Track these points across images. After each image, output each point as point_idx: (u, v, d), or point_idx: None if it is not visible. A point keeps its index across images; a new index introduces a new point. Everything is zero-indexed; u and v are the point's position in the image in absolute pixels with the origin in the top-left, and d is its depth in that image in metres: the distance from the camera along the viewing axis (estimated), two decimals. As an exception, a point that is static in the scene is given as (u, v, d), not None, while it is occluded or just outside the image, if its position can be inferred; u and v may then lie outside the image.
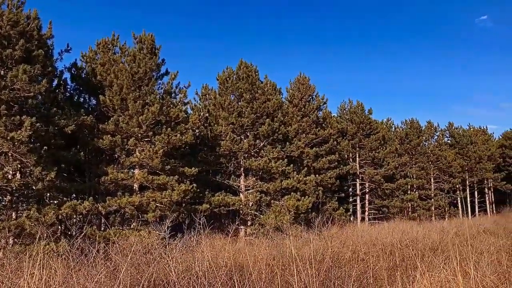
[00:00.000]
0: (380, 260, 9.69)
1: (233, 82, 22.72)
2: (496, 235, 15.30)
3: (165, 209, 16.52)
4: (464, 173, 43.91)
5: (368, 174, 32.46)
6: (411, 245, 11.92)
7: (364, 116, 33.90)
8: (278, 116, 23.21)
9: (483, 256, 8.67)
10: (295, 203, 21.25)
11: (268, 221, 19.90)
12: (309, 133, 27.28)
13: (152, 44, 18.51)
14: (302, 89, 29.86)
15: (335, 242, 11.80)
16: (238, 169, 22.63)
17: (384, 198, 34.95)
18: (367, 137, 33.41)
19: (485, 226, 19.42)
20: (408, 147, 39.79)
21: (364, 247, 11.03)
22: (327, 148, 28.07)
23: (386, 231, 17.46)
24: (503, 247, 10.23)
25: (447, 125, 48.47)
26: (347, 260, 8.58)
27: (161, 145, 16.66)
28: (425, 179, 39.75)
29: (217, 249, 10.96)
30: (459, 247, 8.88)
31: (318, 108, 30.46)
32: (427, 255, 9.58)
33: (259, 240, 15.67)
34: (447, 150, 42.73)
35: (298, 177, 22.74)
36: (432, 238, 13.78)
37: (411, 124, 42.56)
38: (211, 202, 19.85)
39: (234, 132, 21.69)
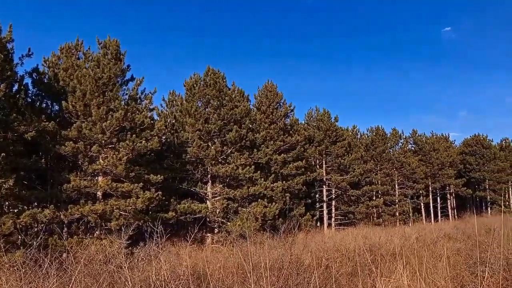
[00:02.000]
0: (342, 266, 9.83)
1: (201, 89, 22.64)
2: (455, 239, 15.77)
3: (129, 217, 16.22)
4: (427, 179, 45.16)
5: (335, 180, 32.91)
6: (374, 250, 12.15)
7: (331, 123, 34.43)
8: (246, 123, 23.28)
9: (440, 260, 8.93)
10: (262, 210, 21.31)
11: (235, 228, 19.84)
12: (276, 140, 27.45)
13: (117, 50, 18.25)
14: (270, 96, 30.06)
15: (298, 248, 11.89)
16: (205, 176, 22.50)
17: (350, 204, 35.54)
18: (334, 144, 33.90)
19: (446, 231, 19.98)
20: (374, 154, 40.59)
21: (327, 253, 11.16)
22: (294, 154, 28.32)
23: (350, 236, 17.71)
24: (459, 251, 10.57)
25: (411, 132, 49.79)
26: (307, 266, 8.66)
27: (126, 151, 16.39)
28: (390, 185, 40.60)
29: (182, 258, 10.85)
30: (419, 252, 9.11)
31: (285, 115, 30.75)
32: (388, 260, 9.78)
33: (225, 247, 15.62)
34: (411, 157, 43.84)
35: (265, 184, 22.81)
36: (394, 243, 14.06)
37: (377, 132, 43.46)
38: (177, 209, 19.66)
39: (201, 138, 21.59)
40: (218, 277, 6.93)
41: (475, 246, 11.27)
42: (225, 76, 23.71)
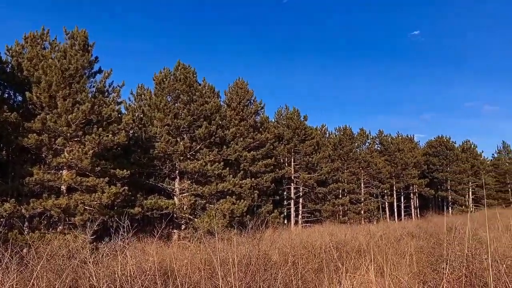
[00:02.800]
0: (309, 262, 9.93)
1: (170, 83, 22.37)
2: (418, 237, 16.19)
3: (94, 212, 15.89)
4: (392, 179, 46.22)
5: (302, 178, 33.21)
6: (340, 247, 12.33)
7: (300, 122, 34.71)
8: (215, 119, 23.16)
9: (404, 257, 9.14)
10: (231, 207, 21.28)
11: (202, 224, 19.73)
12: (246, 137, 27.48)
13: (84, 41, 17.80)
14: (240, 93, 30.06)
15: (265, 244, 11.94)
16: (173, 172, 22.27)
17: (317, 202, 35.97)
18: (302, 142, 34.20)
19: (409, 230, 20.49)
20: (341, 153, 41.19)
21: (294, 250, 11.24)
22: (264, 152, 28.42)
23: (316, 234, 17.92)
24: (422, 248, 10.87)
25: (378, 133, 50.78)
26: (274, 262, 8.71)
27: (92, 145, 16.02)
28: (356, 184, 41.32)
29: (148, 254, 10.70)
30: (383, 249, 9.29)
31: (256, 113, 30.84)
32: (354, 257, 9.93)
33: (192, 244, 15.50)
34: (377, 157, 44.74)
35: (234, 181, 22.76)
36: (359, 241, 14.30)
37: (344, 131, 44.11)
38: (143, 205, 19.38)
39: (170, 134, 21.35)
40: (185, 273, 6.87)
41: (437, 244, 11.62)
42: (195, 71, 23.54)
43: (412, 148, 51.03)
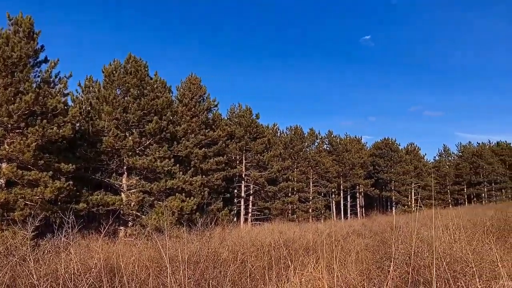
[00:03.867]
0: (258, 260, 9.95)
1: (120, 76, 21.72)
2: (363, 236, 16.68)
3: (35, 208, 15.14)
4: (339, 178, 47.41)
5: (253, 176, 33.34)
6: (288, 245, 12.46)
7: (252, 120, 34.81)
8: (167, 115, 22.70)
9: (349, 255, 9.35)
10: (180, 204, 20.97)
11: (150, 222, 19.32)
12: (198, 134, 27.20)
13: (30, 28, 16.90)
14: (193, 89, 29.71)
15: (215, 242, 11.87)
16: (121, 167, 21.65)
17: (267, 200, 36.23)
18: (254, 140, 34.32)
19: (355, 228, 21.07)
20: (291, 152, 41.75)
21: (244, 247, 11.25)
22: (215, 149, 28.26)
23: (266, 231, 18.04)
24: (367, 246, 11.20)
25: (327, 133, 51.92)
26: (224, 260, 8.66)
27: (35, 137, 15.25)
28: (305, 182, 42.05)
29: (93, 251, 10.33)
30: (330, 247, 9.46)
31: (208, 110, 30.59)
32: (301, 254, 10.05)
33: (139, 241, 15.14)
34: (325, 157, 45.74)
35: (184, 178, 22.44)
36: (307, 239, 14.54)
37: (295, 131, 44.75)
38: (89, 201, 18.70)
39: (118, 128, 20.74)
40: (132, 270, 6.68)
41: (382, 242, 12.01)
42: (147, 65, 22.96)
43: (359, 149, 52.61)
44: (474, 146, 63.80)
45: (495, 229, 11.82)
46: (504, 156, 62.26)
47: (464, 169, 59.56)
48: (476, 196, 60.83)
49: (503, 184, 59.68)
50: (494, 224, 12.71)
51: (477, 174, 59.30)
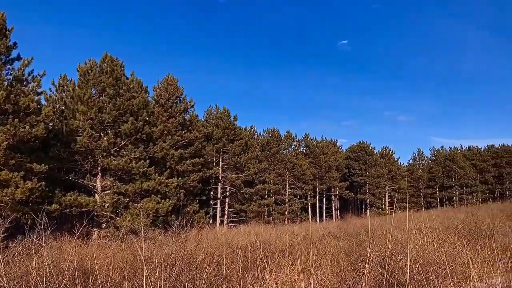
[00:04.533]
0: (234, 262, 9.92)
1: (96, 75, 21.37)
2: (338, 238, 16.82)
3: (6, 208, 14.74)
4: (315, 181, 47.81)
5: (230, 178, 33.28)
6: (264, 247, 12.46)
7: (230, 122, 34.76)
8: (143, 115, 22.45)
9: (325, 257, 9.42)
10: (155, 206, 20.76)
11: (124, 223, 19.03)
12: (174, 135, 27.00)
13: (2, 24, 16.48)
14: (170, 89, 29.49)
15: (191, 244, 11.78)
16: (95, 168, 21.28)
17: (243, 202, 36.20)
18: (231, 142, 34.28)
19: (330, 230, 21.25)
20: (268, 154, 41.89)
21: (220, 249, 11.20)
22: (192, 151, 28.09)
23: (242, 233, 18.00)
24: (342, 248, 11.30)
25: (304, 136, 52.34)
26: (200, 262, 8.61)
27: (6, 137, 14.85)
28: (281, 185, 42.24)
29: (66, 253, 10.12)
30: (306, 249, 9.51)
31: (185, 111, 30.41)
32: (278, 256, 10.06)
33: (113, 243, 14.90)
34: (302, 159, 46.06)
35: (160, 179, 22.21)
36: (283, 241, 14.57)
37: (272, 133, 44.94)
38: (61, 202, 18.32)
39: (93, 128, 20.40)
40: (106, 272, 6.56)
41: (357, 244, 12.14)
42: (123, 65, 22.71)
43: (335, 152, 53.18)
44: (447, 150, 65.32)
45: (466, 231, 12.10)
46: (475, 160, 63.88)
47: (437, 173, 60.84)
48: (448, 199, 62.18)
49: (474, 188, 61.20)
50: (465, 227, 13.00)
51: (449, 177, 60.64)
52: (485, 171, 62.86)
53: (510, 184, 61.93)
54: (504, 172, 62.31)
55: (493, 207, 23.41)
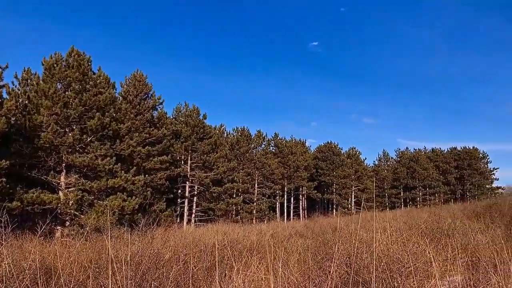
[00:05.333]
0: (201, 261, 9.87)
1: (61, 70, 20.81)
2: (306, 237, 16.99)
3: (-37, 206, 14.18)
4: (284, 180, 48.11)
5: (198, 177, 33.09)
6: (232, 246, 12.46)
7: (199, 120, 34.57)
8: (110, 111, 22.01)
9: (292, 256, 9.50)
10: (121, 204, 20.40)
11: (89, 221, 18.62)
12: (142, 132, 26.62)
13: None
14: (138, 86, 29.04)
15: (157, 243, 11.65)
16: (59, 165, 20.71)
17: (211, 201, 36.06)
18: (200, 140, 34.09)
19: (297, 229, 21.45)
20: (238, 153, 41.88)
21: (187, 248, 11.12)
22: (160, 148, 27.76)
23: (209, 232, 17.95)
24: (309, 247, 11.42)
25: (273, 135, 52.60)
26: (166, 261, 8.52)
27: (-36, 131, 14.31)
28: (250, 184, 42.29)
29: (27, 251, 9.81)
30: (273, 248, 9.56)
31: (153, 108, 30.02)
32: (245, 255, 10.08)
33: (77, 241, 14.57)
34: (271, 159, 46.25)
35: (126, 177, 21.84)
36: (251, 240, 14.62)
37: (242, 132, 44.94)
38: (23, 199, 17.74)
39: (58, 123, 19.85)
40: (70, 272, 6.40)
41: (323, 243, 12.29)
42: (90, 59, 22.17)
43: (303, 152, 53.66)
44: (411, 152, 66.94)
45: (429, 231, 12.43)
46: (438, 162, 65.76)
47: (401, 174, 62.28)
48: (411, 200, 63.79)
49: (436, 189, 62.99)
50: (428, 227, 13.36)
51: (413, 178, 62.19)
52: (447, 173, 64.79)
53: (470, 186, 64.05)
54: (465, 173, 64.39)
55: (454, 208, 24.18)
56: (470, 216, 17.11)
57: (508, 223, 13.22)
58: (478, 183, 63.64)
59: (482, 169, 65.11)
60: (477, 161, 65.56)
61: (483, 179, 64.41)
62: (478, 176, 64.00)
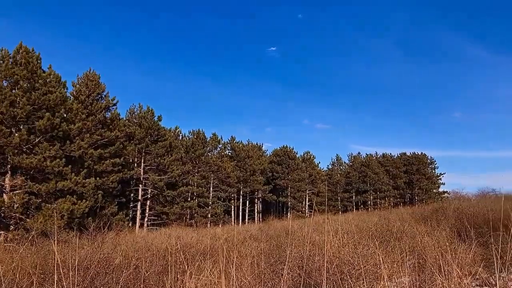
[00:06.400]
0: (153, 265, 9.70)
1: (8, 67, 19.90)
2: (260, 240, 17.05)
3: None
4: (240, 184, 48.15)
5: (152, 180, 32.51)
6: (185, 250, 12.32)
7: (154, 122, 34.00)
8: (60, 111, 21.28)
9: (246, 259, 9.51)
10: (70, 207, 19.75)
11: (35, 225, 17.86)
12: (94, 133, 25.85)
13: None
14: (90, 85, 28.21)
15: (108, 247, 11.34)
16: (4, 166, 19.76)
17: (165, 204, 35.52)
18: (155, 143, 33.54)
19: (252, 233, 21.48)
20: (193, 156, 41.50)
21: (138, 253, 10.89)
22: (112, 150, 27.06)
23: (162, 236, 17.67)
24: (263, 251, 11.47)
25: (230, 139, 52.58)
26: (117, 265, 8.30)
27: None
28: (205, 187, 42.00)
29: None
30: (227, 252, 9.53)
31: (106, 108, 29.23)
32: (199, 259, 10.00)
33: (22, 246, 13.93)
34: (227, 162, 46.18)
35: (76, 179, 21.17)
36: (205, 244, 14.50)
37: (198, 135, 44.61)
38: (-37, 202, 16.82)
39: (3, 123, 18.95)
40: (12, 278, 6.10)
41: (277, 246, 12.38)
42: (40, 57, 21.35)
43: (260, 156, 53.94)
44: (363, 156, 68.81)
45: (379, 234, 12.80)
46: (389, 167, 67.91)
47: (353, 178, 63.82)
48: (363, 203, 65.45)
49: (387, 193, 64.97)
50: (378, 230, 13.74)
51: (364, 182, 63.88)
52: (397, 177, 66.99)
53: (419, 190, 66.49)
54: (414, 178, 66.82)
55: (403, 211, 25.01)
56: (418, 219, 17.75)
57: (452, 226, 13.82)
58: (426, 188, 66.19)
59: (429, 174, 67.83)
60: (425, 166, 68.27)
61: (431, 184, 67.08)
62: (426, 181, 66.59)
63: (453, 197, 36.94)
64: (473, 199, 26.80)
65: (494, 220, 10.83)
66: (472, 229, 11.25)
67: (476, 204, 17.97)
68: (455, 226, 13.83)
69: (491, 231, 9.60)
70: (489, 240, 9.17)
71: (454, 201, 25.30)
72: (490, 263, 7.33)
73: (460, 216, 14.82)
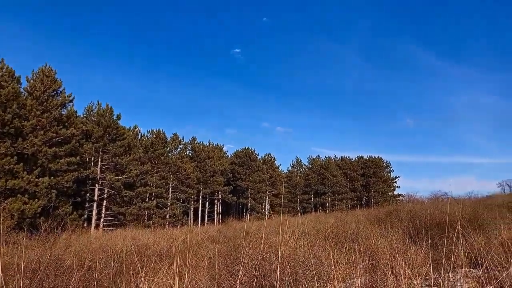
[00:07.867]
0: (107, 267, 9.49)
1: (-44, 59, 18.96)
2: (217, 242, 17.00)
3: None
4: (200, 185, 47.83)
5: (109, 180, 31.78)
6: (141, 251, 12.13)
7: (112, 120, 33.25)
8: (12, 107, 20.44)
9: (202, 261, 9.47)
10: (21, 206, 19.03)
11: (-17, 226, 17.07)
12: (49, 131, 24.99)
13: None
14: (46, 81, 27.26)
15: (60, 248, 10.99)
16: (-50, 163, 18.82)
17: (122, 205, 34.78)
18: (113, 142, 32.81)
19: (210, 234, 21.38)
20: (152, 156, 40.86)
21: (92, 254, 10.62)
22: (68, 149, 26.25)
23: (118, 238, 17.30)
24: (220, 252, 11.45)
25: (191, 139, 52.09)
26: (68, 267, 8.06)
27: None
28: (164, 188, 41.45)
29: None
30: (184, 253, 9.45)
31: (62, 105, 28.35)
32: (154, 260, 9.86)
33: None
34: (187, 163, 45.76)
35: (28, 178, 20.40)
36: (161, 245, 14.32)
37: (157, 135, 43.98)
38: None
39: (-50, 118, 18.05)
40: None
41: (234, 248, 12.39)
42: (-8, 50, 20.45)
43: (221, 157, 53.78)
44: (322, 159, 69.91)
45: (334, 235, 13.03)
46: (347, 169, 69.32)
47: (312, 180, 64.71)
48: (321, 205, 66.43)
49: (344, 195, 66.29)
50: (334, 231, 13.99)
51: (323, 185, 64.92)
52: (355, 180, 68.50)
53: (375, 192, 68.24)
54: (370, 181, 68.54)
55: (359, 213, 25.60)
56: (373, 221, 18.18)
57: (405, 228, 14.26)
58: (382, 190, 68.05)
59: (385, 177, 69.80)
60: (381, 169, 70.18)
61: (386, 187, 69.04)
62: (382, 184, 68.47)
63: (408, 200, 38.11)
64: (426, 202, 27.73)
65: (443, 222, 11.26)
66: (424, 231, 11.66)
67: (429, 206, 18.61)
68: (408, 228, 14.28)
69: (441, 233, 9.98)
70: (438, 242, 9.52)
71: (408, 203, 26.11)
72: (439, 264, 7.62)
73: (413, 219, 15.30)
